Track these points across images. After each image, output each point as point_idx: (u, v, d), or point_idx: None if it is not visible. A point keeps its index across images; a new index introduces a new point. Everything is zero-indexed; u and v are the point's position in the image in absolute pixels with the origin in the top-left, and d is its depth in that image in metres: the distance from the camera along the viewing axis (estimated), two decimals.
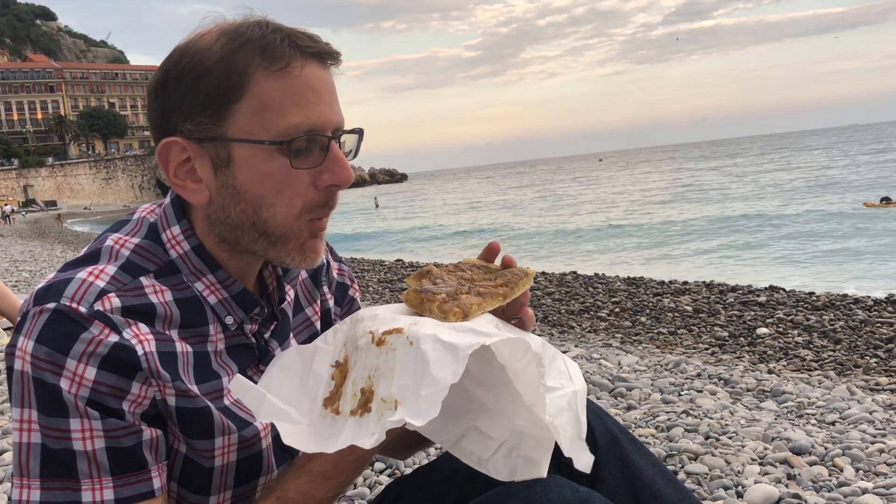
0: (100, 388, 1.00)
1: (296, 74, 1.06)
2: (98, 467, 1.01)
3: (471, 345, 0.94)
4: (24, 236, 39.57)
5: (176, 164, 1.10)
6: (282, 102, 1.05)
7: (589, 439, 1.34)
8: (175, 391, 1.08)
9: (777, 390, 4.51)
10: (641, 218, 29.98)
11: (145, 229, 1.16)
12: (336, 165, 1.10)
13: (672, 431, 3.47)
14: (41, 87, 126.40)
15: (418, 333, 0.98)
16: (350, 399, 1.02)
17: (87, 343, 1.00)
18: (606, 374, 4.80)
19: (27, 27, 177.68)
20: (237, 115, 1.06)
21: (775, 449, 3.20)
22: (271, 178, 1.08)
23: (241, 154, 1.07)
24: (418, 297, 1.09)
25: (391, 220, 35.87)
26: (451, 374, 0.92)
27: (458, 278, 1.16)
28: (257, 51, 1.05)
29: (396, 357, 0.98)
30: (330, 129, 1.10)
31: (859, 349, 6.82)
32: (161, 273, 1.12)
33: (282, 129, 1.06)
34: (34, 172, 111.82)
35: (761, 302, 9.23)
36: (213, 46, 1.07)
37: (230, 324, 1.17)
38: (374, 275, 15.23)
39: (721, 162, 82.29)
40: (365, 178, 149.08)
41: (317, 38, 1.11)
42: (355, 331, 1.07)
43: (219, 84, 1.05)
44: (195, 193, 1.11)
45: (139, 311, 1.07)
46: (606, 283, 11.79)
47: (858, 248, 17.58)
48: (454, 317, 1.05)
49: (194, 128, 1.07)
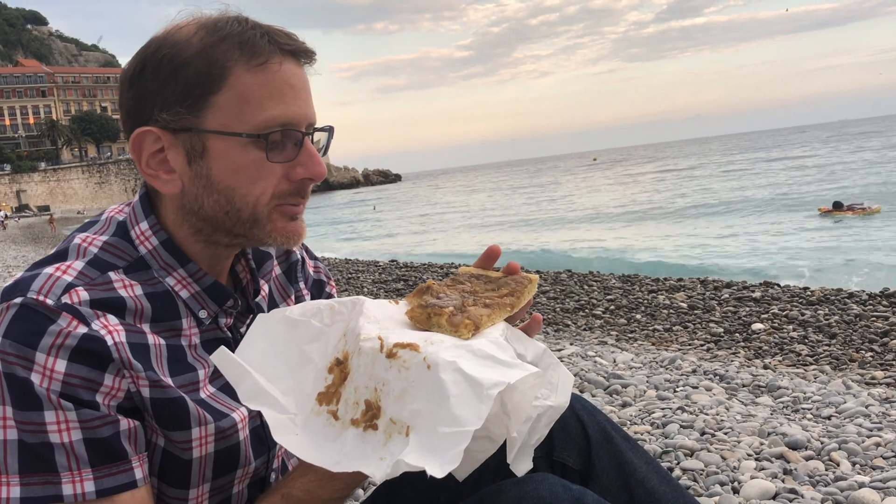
0: (71, 381, 1.00)
1: (274, 70, 1.08)
2: (77, 459, 1.00)
3: (495, 384, 0.89)
4: (18, 241, 39.42)
5: (149, 153, 1.12)
6: (260, 96, 1.07)
7: (582, 437, 1.33)
8: (148, 382, 1.07)
9: (773, 385, 4.51)
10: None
11: (114, 227, 1.16)
12: (310, 160, 1.13)
13: (667, 428, 3.46)
14: (33, 91, 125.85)
15: (437, 357, 0.93)
16: (352, 407, 0.97)
17: (56, 335, 1.00)
18: (602, 372, 4.79)
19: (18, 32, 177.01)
20: (214, 107, 1.07)
21: (771, 444, 3.18)
22: (246, 170, 1.09)
23: (216, 145, 1.09)
24: (424, 312, 1.06)
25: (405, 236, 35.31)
26: (474, 415, 0.87)
27: (459, 291, 1.14)
28: (237, 45, 1.07)
29: (410, 377, 0.93)
30: (304, 125, 1.12)
31: (854, 343, 6.83)
32: (131, 269, 1.13)
33: (259, 123, 1.08)
34: (27, 177, 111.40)
35: (756, 298, 9.24)
36: (192, 38, 1.08)
37: (204, 318, 1.18)
38: (368, 275, 15.21)
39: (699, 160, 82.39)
40: (359, 180, 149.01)
41: (294, 36, 1.13)
42: (357, 325, 1.02)
43: (198, 75, 1.07)
44: (167, 184, 1.12)
45: (108, 304, 1.06)
46: (601, 281, 11.79)
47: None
48: (466, 329, 1.02)
49: (170, 118, 1.08)
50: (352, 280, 14.68)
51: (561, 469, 1.32)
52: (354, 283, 14.15)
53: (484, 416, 0.87)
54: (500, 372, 0.92)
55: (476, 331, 1.03)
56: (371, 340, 0.98)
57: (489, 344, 0.99)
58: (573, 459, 1.32)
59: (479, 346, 0.97)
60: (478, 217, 42.05)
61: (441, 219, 45.78)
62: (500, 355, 0.97)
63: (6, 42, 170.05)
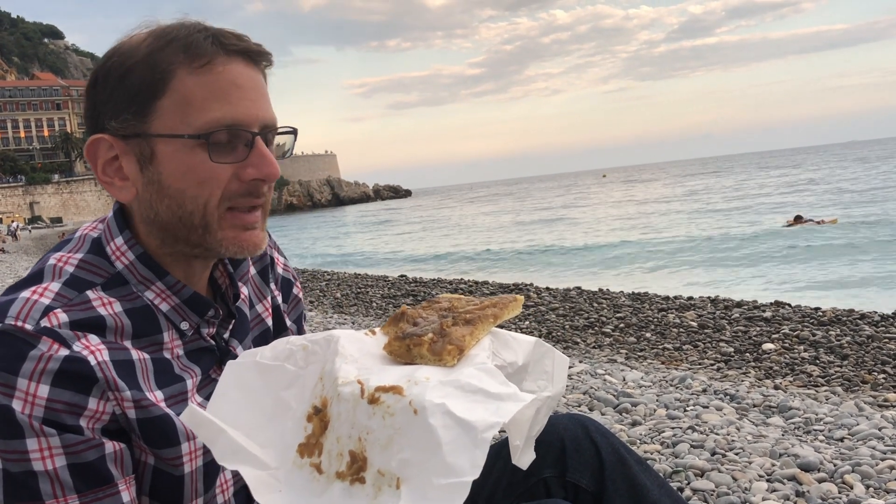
0: (54, 406, 0.98)
1: (218, 71, 1.08)
2: (62, 486, 0.98)
3: (489, 426, 0.83)
4: (30, 252, 39.69)
5: (104, 161, 1.12)
6: (203, 98, 1.07)
7: (595, 459, 1.33)
8: (133, 403, 1.05)
9: (784, 406, 4.47)
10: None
11: (88, 245, 1.15)
12: (261, 160, 1.11)
13: (678, 447, 3.44)
14: (48, 104, 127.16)
15: (423, 400, 0.86)
16: (335, 459, 0.90)
17: (37, 360, 0.98)
18: (611, 390, 4.76)
19: (35, 46, 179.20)
20: (160, 111, 1.08)
21: (783, 465, 3.16)
22: (192, 172, 1.09)
23: (163, 149, 1.09)
24: (403, 344, 0.99)
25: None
26: (470, 463, 0.81)
27: (437, 311, 1.07)
28: (181, 49, 1.08)
29: (396, 424, 0.86)
30: (256, 126, 1.11)
31: (867, 365, 6.77)
32: (108, 285, 1.11)
33: (202, 124, 1.07)
34: (40, 189, 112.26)
35: (767, 317, 9.18)
36: (140, 46, 1.09)
37: (186, 329, 1.17)
38: (377, 290, 15.21)
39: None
40: (369, 195, 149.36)
41: (244, 37, 1.13)
42: (334, 366, 0.95)
43: (142, 81, 1.07)
44: (122, 190, 1.13)
45: (88, 324, 1.05)
46: (611, 299, 11.75)
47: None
48: (450, 356, 0.96)
49: (119, 125, 1.09)
50: (361, 294, 14.68)
51: (574, 490, 1.31)
52: (363, 298, 14.15)
53: (481, 463, 0.81)
54: (492, 409, 0.86)
55: (461, 355, 0.97)
56: (350, 384, 0.91)
57: (477, 374, 0.93)
58: (586, 481, 1.32)
59: (466, 380, 0.91)
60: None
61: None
62: (490, 387, 0.90)
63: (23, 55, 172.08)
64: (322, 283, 17.34)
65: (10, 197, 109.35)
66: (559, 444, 1.36)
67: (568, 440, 1.36)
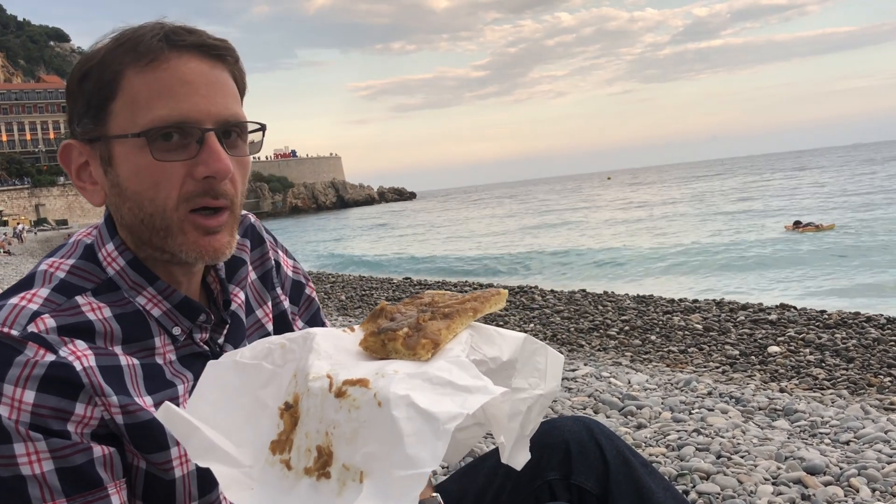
0: (40, 412, 0.97)
1: (164, 68, 1.06)
2: (51, 490, 0.98)
3: (452, 416, 0.82)
4: (35, 254, 39.82)
5: (76, 166, 1.13)
6: (149, 96, 1.06)
7: (600, 461, 1.32)
8: (120, 408, 1.05)
9: (789, 409, 4.46)
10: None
11: (81, 250, 1.15)
12: (210, 157, 1.07)
13: (683, 450, 3.43)
14: (53, 107, 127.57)
15: (388, 393, 0.84)
16: (304, 455, 0.89)
17: (23, 366, 0.97)
18: (616, 393, 4.76)
19: (41, 48, 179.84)
20: (113, 113, 1.08)
21: (789, 468, 3.15)
22: (145, 172, 1.07)
23: (118, 151, 1.08)
24: (378, 339, 0.98)
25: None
26: (430, 454, 0.80)
27: (416, 306, 1.06)
28: (130, 49, 1.07)
29: (361, 417, 0.85)
30: (209, 122, 1.08)
31: (873, 368, 6.75)
32: (99, 291, 1.11)
33: (147, 122, 1.05)
34: (46, 192, 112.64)
35: (772, 320, 9.16)
36: (99, 50, 1.09)
37: (178, 334, 1.16)
38: (381, 292, 15.22)
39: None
40: (374, 197, 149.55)
41: (199, 32, 1.11)
42: (307, 363, 0.94)
43: (96, 85, 1.07)
44: (93, 195, 1.13)
45: (76, 329, 1.05)
46: (616, 301, 11.73)
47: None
48: (424, 350, 0.94)
49: (82, 130, 1.10)
50: (365, 297, 14.70)
51: (579, 493, 1.31)
52: (368, 300, 14.16)
53: (441, 454, 0.80)
54: (458, 401, 0.85)
55: (436, 349, 0.95)
56: (320, 379, 0.90)
57: (448, 366, 0.91)
58: (591, 483, 1.31)
59: (435, 372, 0.89)
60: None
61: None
62: (460, 379, 0.88)
63: (29, 58, 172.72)
64: (327, 286, 17.36)
65: (16, 199, 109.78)
66: (564, 447, 1.35)
67: (573, 443, 1.35)
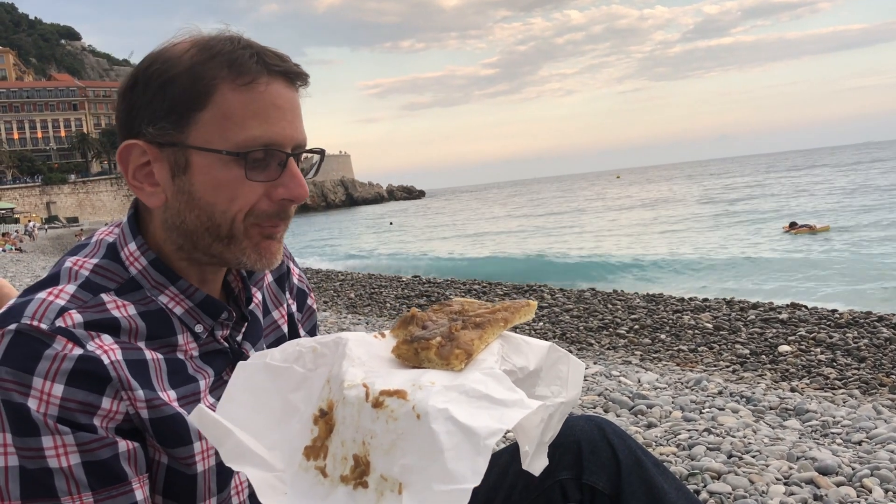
0: (68, 405, 0.99)
1: (261, 90, 1.09)
2: (77, 483, 1.00)
3: (492, 432, 0.83)
4: (46, 252, 40.08)
5: (135, 166, 1.13)
6: (243, 115, 1.08)
7: (612, 461, 1.32)
8: (146, 403, 1.07)
9: (801, 409, 4.43)
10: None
11: (104, 250, 1.17)
12: (292, 181, 1.13)
13: (694, 450, 3.41)
14: (65, 105, 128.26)
15: (426, 405, 0.85)
16: (340, 462, 0.90)
17: (52, 360, 0.99)
18: (626, 392, 4.74)
19: (52, 47, 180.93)
20: (199, 123, 1.09)
21: (800, 468, 3.13)
22: (226, 187, 1.10)
23: (198, 161, 1.10)
24: (411, 348, 0.98)
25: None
26: (471, 470, 0.80)
27: (447, 315, 1.07)
28: (225, 64, 1.09)
29: (399, 429, 0.86)
30: (290, 146, 1.12)
31: (885, 367, 6.71)
32: (122, 290, 1.13)
33: (240, 141, 1.08)
34: (57, 189, 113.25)
35: (783, 319, 9.12)
36: (183, 56, 1.10)
37: (200, 332, 1.18)
38: (391, 290, 15.23)
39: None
40: (383, 195, 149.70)
41: (286, 57, 1.14)
42: (341, 370, 0.95)
43: (184, 92, 1.08)
44: (151, 196, 1.14)
45: (102, 325, 1.07)
46: (625, 300, 11.71)
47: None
48: (458, 360, 0.95)
49: (157, 132, 1.10)
50: (374, 295, 14.71)
51: (591, 493, 1.31)
52: (377, 298, 14.18)
53: (482, 470, 0.80)
54: (497, 415, 0.86)
55: (469, 359, 0.97)
56: (356, 388, 0.91)
57: (483, 378, 0.92)
58: (603, 483, 1.31)
59: (472, 385, 0.90)
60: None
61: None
62: (496, 393, 0.89)
63: (40, 56, 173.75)
64: (336, 284, 17.39)
65: (28, 197, 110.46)
66: (575, 447, 1.35)
67: (584, 442, 1.35)
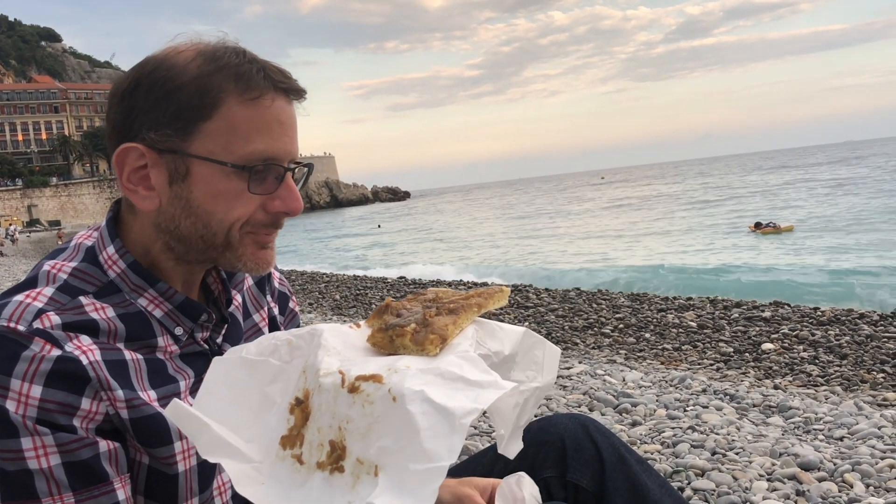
0: (47, 406, 0.99)
1: (266, 106, 1.11)
2: (57, 484, 1.00)
3: (468, 412, 0.83)
4: (28, 256, 39.67)
5: (131, 169, 1.13)
6: (249, 129, 1.10)
7: (596, 459, 1.33)
8: (125, 403, 1.07)
9: (783, 406, 4.47)
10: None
11: (82, 254, 1.17)
12: (289, 195, 1.16)
13: (678, 447, 3.44)
14: (45, 107, 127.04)
15: (402, 388, 0.86)
16: (316, 449, 0.90)
17: (30, 361, 0.99)
18: (611, 391, 4.77)
19: (32, 48, 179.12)
20: (203, 133, 1.10)
21: (783, 465, 3.16)
22: (225, 197, 1.12)
23: (200, 171, 1.11)
24: (386, 336, 0.99)
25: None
26: (447, 449, 0.81)
27: (421, 303, 1.08)
28: (233, 77, 1.10)
29: (375, 413, 0.86)
30: (287, 161, 1.15)
31: (866, 364, 6.77)
32: (101, 293, 1.13)
33: (245, 154, 1.10)
34: (38, 192, 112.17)
35: (766, 317, 9.19)
36: (189, 64, 1.11)
37: (180, 334, 1.19)
38: (376, 292, 15.20)
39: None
40: (368, 196, 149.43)
41: (288, 74, 1.16)
42: (316, 359, 0.95)
43: (191, 101, 1.09)
44: (145, 200, 1.14)
45: (80, 326, 1.07)
46: (610, 300, 11.75)
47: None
48: (433, 345, 0.96)
49: (158, 138, 1.10)
50: (360, 296, 14.68)
51: (575, 490, 1.31)
52: (363, 300, 14.15)
53: (458, 448, 0.81)
54: (472, 395, 0.87)
55: (444, 344, 0.97)
56: (331, 375, 0.91)
57: (458, 361, 0.93)
58: (587, 481, 1.32)
59: (447, 367, 0.91)
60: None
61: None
62: (471, 374, 0.90)
63: (20, 58, 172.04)
64: (321, 285, 17.33)
65: (8, 200, 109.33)
66: (560, 444, 1.35)
67: (568, 440, 1.35)
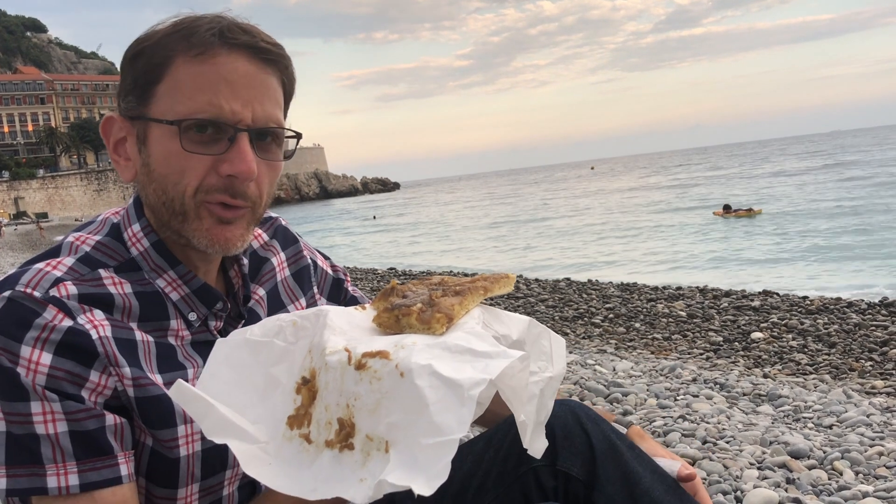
0: (56, 374, 1.00)
1: (211, 62, 1.09)
2: (62, 452, 1.00)
3: (476, 382, 0.82)
4: (15, 248, 39.39)
5: (115, 140, 1.16)
6: (191, 87, 1.08)
7: (586, 446, 1.31)
8: (132, 380, 1.06)
9: (773, 394, 4.49)
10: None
11: (108, 228, 1.18)
12: (237, 157, 1.09)
13: (669, 436, 3.44)
14: (32, 98, 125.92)
15: (409, 363, 0.85)
16: (324, 428, 0.89)
17: (41, 329, 1.00)
18: (601, 380, 4.77)
19: (17, 39, 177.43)
20: (157, 95, 1.10)
21: (773, 453, 3.16)
22: (173, 158, 1.10)
23: (154, 133, 1.11)
24: (392, 315, 0.98)
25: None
26: (457, 421, 0.80)
27: (427, 286, 1.07)
28: (184, 37, 1.09)
29: (383, 388, 0.85)
30: (245, 123, 1.10)
31: (854, 353, 6.82)
32: (121, 269, 1.14)
33: (184, 112, 1.08)
34: (25, 185, 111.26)
35: (755, 307, 9.23)
36: (157, 33, 1.12)
37: (193, 320, 1.18)
38: (366, 283, 15.18)
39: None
40: (357, 188, 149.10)
41: (255, 32, 1.12)
42: (322, 339, 0.94)
43: (146, 66, 1.10)
44: (125, 170, 1.16)
45: (96, 299, 1.07)
46: (600, 290, 11.78)
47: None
48: (439, 324, 0.95)
49: (126, 106, 1.13)
50: None
51: (565, 479, 1.29)
52: None
53: (468, 420, 0.80)
54: (480, 367, 0.85)
55: (450, 323, 0.96)
56: (338, 353, 0.90)
57: (465, 336, 0.92)
58: (577, 469, 1.30)
59: (454, 341, 0.90)
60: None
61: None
62: (479, 346, 0.89)
63: (6, 49, 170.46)
64: None
65: None
66: (549, 432, 1.33)
67: (558, 428, 1.33)
